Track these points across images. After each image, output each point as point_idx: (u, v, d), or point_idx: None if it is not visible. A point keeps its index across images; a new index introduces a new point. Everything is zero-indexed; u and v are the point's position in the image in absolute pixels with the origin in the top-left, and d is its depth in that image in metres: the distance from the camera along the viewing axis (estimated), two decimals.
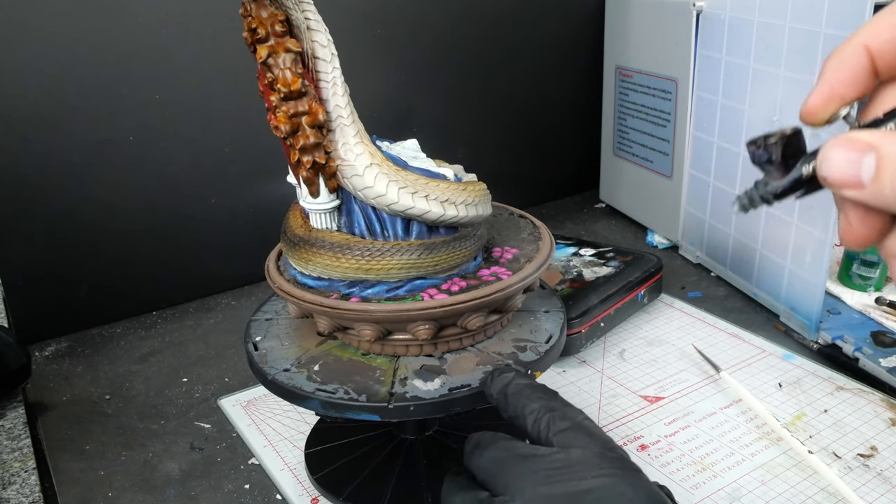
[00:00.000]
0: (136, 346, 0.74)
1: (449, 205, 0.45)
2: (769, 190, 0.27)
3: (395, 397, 0.43)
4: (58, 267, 0.74)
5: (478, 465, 0.39)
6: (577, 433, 0.38)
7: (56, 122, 0.70)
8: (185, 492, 0.54)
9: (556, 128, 1.04)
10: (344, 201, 0.46)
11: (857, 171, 0.23)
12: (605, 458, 0.36)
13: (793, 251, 0.70)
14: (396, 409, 0.43)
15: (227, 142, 0.79)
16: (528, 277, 0.47)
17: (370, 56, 0.85)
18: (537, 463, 0.37)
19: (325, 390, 0.44)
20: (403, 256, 0.45)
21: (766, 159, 0.27)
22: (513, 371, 0.43)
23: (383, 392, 0.44)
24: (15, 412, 0.62)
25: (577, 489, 0.35)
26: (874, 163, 0.23)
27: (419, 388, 0.44)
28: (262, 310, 0.54)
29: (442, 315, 0.45)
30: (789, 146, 0.26)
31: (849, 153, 0.24)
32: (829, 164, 0.24)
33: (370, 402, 0.43)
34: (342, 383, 0.45)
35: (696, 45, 0.79)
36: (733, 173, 0.77)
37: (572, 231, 0.97)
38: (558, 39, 0.99)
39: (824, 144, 0.25)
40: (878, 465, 0.53)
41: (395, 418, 0.44)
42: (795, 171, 0.26)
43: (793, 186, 0.27)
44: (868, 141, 0.23)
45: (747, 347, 0.68)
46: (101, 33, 0.70)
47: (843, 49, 0.26)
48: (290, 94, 0.42)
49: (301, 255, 0.47)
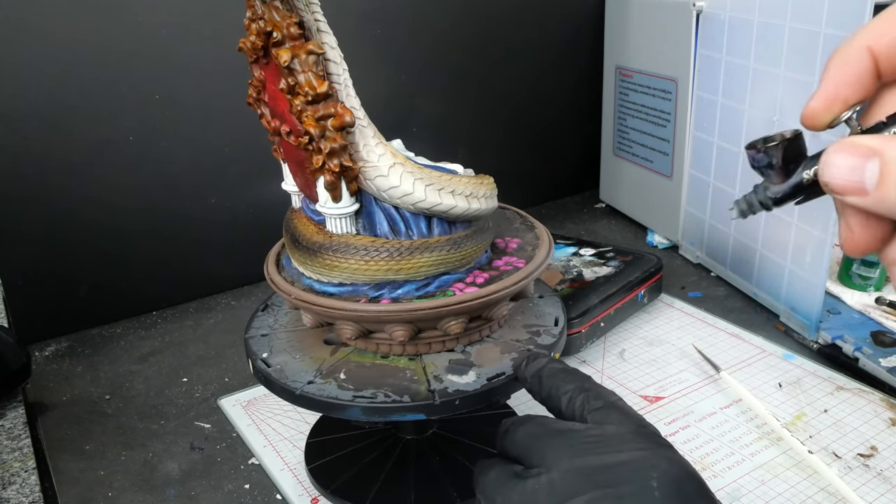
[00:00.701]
0: (136, 346, 0.74)
1: (472, 199, 0.46)
2: (769, 195, 0.27)
3: (437, 393, 0.43)
4: (58, 267, 0.74)
5: (512, 441, 0.39)
6: (611, 411, 0.38)
7: (56, 122, 0.70)
8: (185, 492, 0.54)
9: (556, 127, 1.04)
10: (363, 204, 0.46)
11: (861, 177, 0.23)
12: (640, 433, 0.37)
13: (793, 251, 0.70)
14: (442, 405, 0.43)
15: (227, 142, 0.79)
16: (543, 263, 0.49)
17: (370, 56, 0.85)
18: (573, 437, 0.37)
19: (364, 396, 0.44)
20: (433, 253, 0.45)
21: (765, 163, 0.26)
22: (546, 356, 0.44)
23: (423, 391, 0.44)
24: (15, 412, 0.62)
25: (613, 461, 0.35)
26: (878, 169, 0.23)
27: (456, 381, 0.44)
28: (253, 326, 0.53)
29: (477, 307, 0.45)
30: (790, 150, 0.26)
31: (852, 159, 0.23)
32: (830, 169, 0.24)
33: (414, 401, 0.43)
34: (378, 387, 0.45)
35: (696, 45, 0.79)
36: (733, 173, 0.77)
37: (572, 231, 0.97)
38: (558, 39, 0.99)
39: (826, 150, 0.24)
40: (878, 464, 0.53)
41: (442, 414, 0.44)
42: (796, 176, 0.26)
43: (793, 192, 0.26)
44: (871, 146, 0.23)
45: (747, 347, 0.68)
46: (102, 33, 0.70)
47: (846, 50, 0.25)
48: (317, 97, 0.41)
49: (324, 263, 0.46)
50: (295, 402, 0.45)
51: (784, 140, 0.26)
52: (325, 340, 0.49)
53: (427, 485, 0.50)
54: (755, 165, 0.27)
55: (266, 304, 0.55)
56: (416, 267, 0.45)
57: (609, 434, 0.37)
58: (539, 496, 0.35)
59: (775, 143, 0.26)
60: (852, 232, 0.25)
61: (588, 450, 0.36)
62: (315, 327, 0.49)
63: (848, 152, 0.23)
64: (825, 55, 0.62)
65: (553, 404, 0.41)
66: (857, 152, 0.23)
